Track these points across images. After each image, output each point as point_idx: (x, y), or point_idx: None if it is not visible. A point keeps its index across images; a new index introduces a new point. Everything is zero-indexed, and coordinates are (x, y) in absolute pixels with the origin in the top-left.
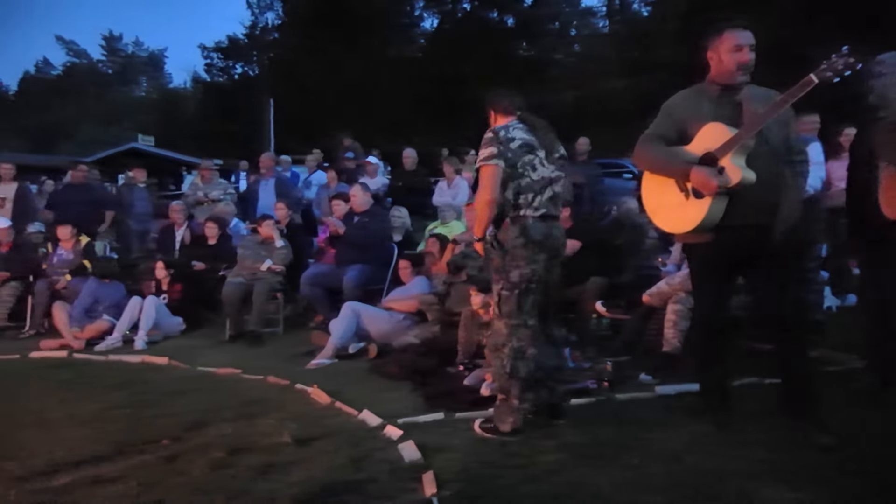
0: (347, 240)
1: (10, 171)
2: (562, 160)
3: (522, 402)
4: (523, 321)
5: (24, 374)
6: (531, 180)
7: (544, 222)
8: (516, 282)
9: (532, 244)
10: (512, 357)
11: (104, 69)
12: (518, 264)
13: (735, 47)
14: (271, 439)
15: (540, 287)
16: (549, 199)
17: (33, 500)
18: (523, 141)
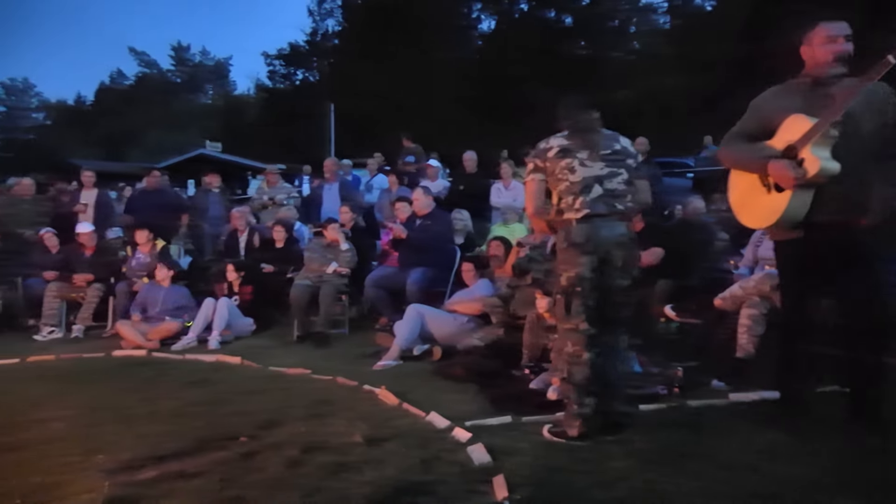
0: (410, 243)
1: (91, 178)
2: (616, 155)
3: (582, 407)
4: (574, 325)
5: (108, 372)
6: (570, 183)
7: (588, 223)
8: (564, 285)
9: (573, 247)
10: (567, 361)
11: (173, 78)
12: (564, 268)
13: (828, 38)
14: (342, 439)
15: (589, 291)
16: (598, 198)
17: (123, 493)
18: (559, 147)
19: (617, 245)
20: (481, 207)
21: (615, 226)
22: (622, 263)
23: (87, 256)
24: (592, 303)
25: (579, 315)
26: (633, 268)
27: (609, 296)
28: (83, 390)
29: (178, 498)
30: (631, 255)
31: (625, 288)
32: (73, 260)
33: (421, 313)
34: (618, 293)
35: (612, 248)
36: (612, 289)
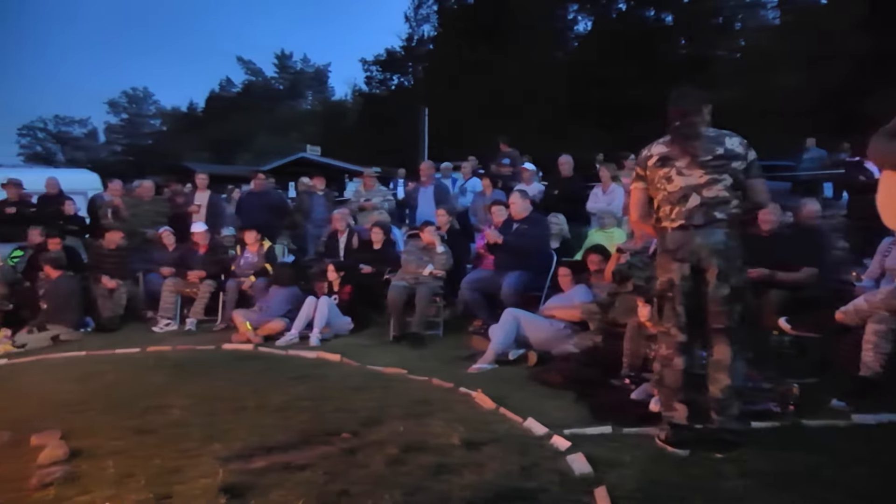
0: (506, 246)
1: (204, 180)
2: (719, 160)
3: (670, 411)
4: (666, 329)
5: (220, 364)
6: (667, 193)
7: (682, 231)
8: (658, 290)
9: (666, 253)
10: (660, 364)
11: (276, 85)
12: (658, 273)
13: None
14: (441, 440)
15: (680, 298)
16: (695, 208)
17: (236, 481)
18: (659, 156)
19: (712, 252)
20: (577, 211)
21: (711, 233)
22: (720, 271)
23: (200, 254)
24: (683, 310)
25: (671, 321)
26: (733, 276)
27: (705, 304)
28: (198, 381)
29: (286, 488)
30: (731, 262)
31: (725, 297)
32: (187, 257)
33: (517, 317)
34: (716, 302)
35: (706, 256)
36: (709, 297)
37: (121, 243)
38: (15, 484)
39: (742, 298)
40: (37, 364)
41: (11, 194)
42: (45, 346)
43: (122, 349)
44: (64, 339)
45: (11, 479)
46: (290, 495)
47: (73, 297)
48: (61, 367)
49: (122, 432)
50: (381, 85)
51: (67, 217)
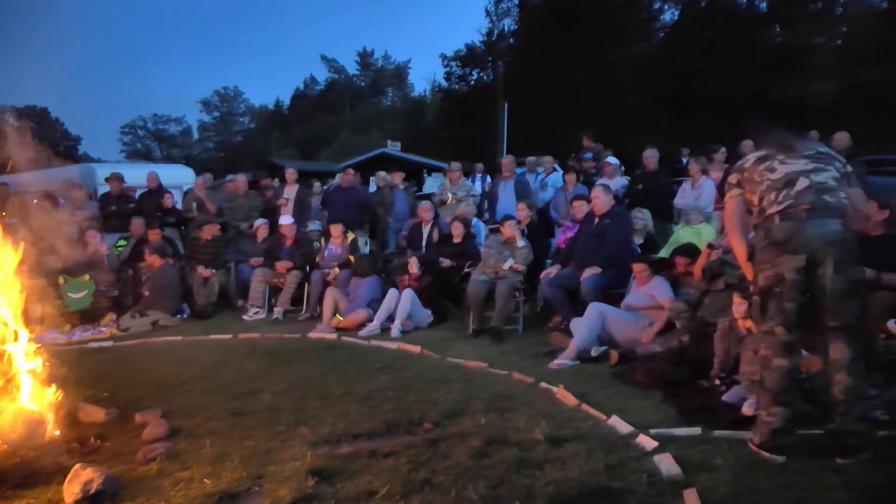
0: (588, 242)
1: (293, 175)
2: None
3: (770, 416)
4: (769, 328)
5: (306, 352)
6: (771, 181)
7: (791, 220)
8: (761, 286)
9: (773, 246)
10: (761, 365)
11: (358, 83)
12: (761, 267)
13: None
14: (523, 435)
15: (789, 293)
16: (804, 190)
17: (324, 465)
18: (756, 157)
19: (828, 243)
20: (662, 206)
21: (825, 223)
22: (836, 263)
23: (287, 246)
24: (793, 307)
25: (775, 319)
26: (850, 269)
27: (822, 300)
28: (286, 368)
29: (372, 474)
30: (848, 255)
31: (843, 292)
32: (275, 249)
33: (602, 313)
34: (833, 298)
35: (821, 247)
36: (826, 292)
37: (216, 234)
38: (123, 458)
39: (859, 294)
40: (139, 347)
41: (114, 188)
42: (146, 330)
43: (216, 335)
44: (163, 324)
45: (119, 453)
46: (375, 481)
47: (172, 285)
48: (161, 350)
49: (217, 414)
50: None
51: (166, 209)
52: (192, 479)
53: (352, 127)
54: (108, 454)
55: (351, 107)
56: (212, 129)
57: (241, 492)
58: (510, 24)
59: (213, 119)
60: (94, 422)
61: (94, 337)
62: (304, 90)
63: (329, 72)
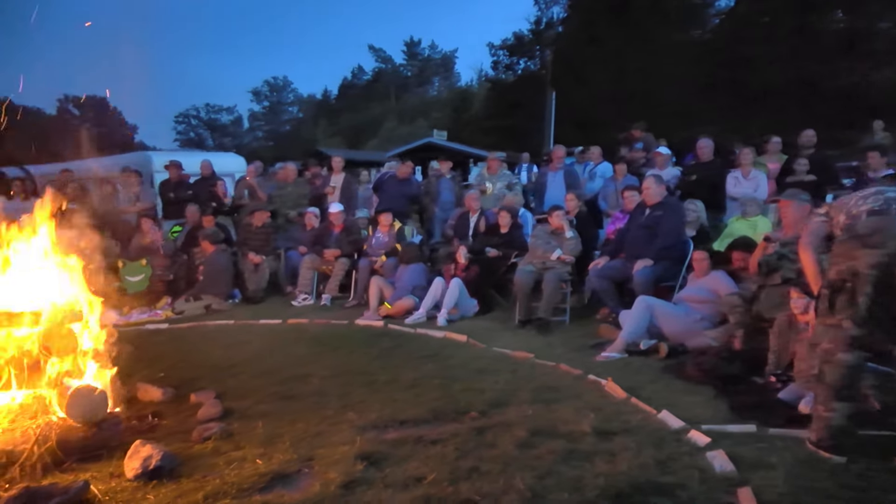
0: (639, 233)
1: (340, 163)
2: None
3: (829, 412)
4: (837, 322)
5: (353, 338)
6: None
7: (879, 216)
8: (832, 279)
9: (854, 239)
10: (821, 359)
11: (405, 72)
12: (836, 261)
13: None
14: (570, 426)
15: (864, 288)
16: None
17: (372, 450)
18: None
19: None
20: (715, 198)
21: None
22: None
23: (336, 234)
24: (865, 302)
25: (844, 312)
26: None
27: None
28: (334, 353)
29: (419, 460)
30: None
31: None
32: (324, 236)
33: (651, 306)
34: None
35: None
36: None
37: (267, 221)
38: (179, 436)
39: None
40: (193, 330)
41: (173, 175)
42: (200, 313)
43: (266, 320)
44: (215, 308)
45: (176, 432)
46: (422, 467)
47: (225, 270)
48: (214, 333)
49: (268, 396)
50: (507, 69)
51: (218, 197)
52: (245, 458)
53: (398, 116)
54: (165, 432)
55: (397, 96)
56: (262, 118)
57: (292, 473)
58: (559, 12)
59: (263, 108)
60: (152, 400)
61: (151, 319)
62: (352, 80)
63: (376, 61)
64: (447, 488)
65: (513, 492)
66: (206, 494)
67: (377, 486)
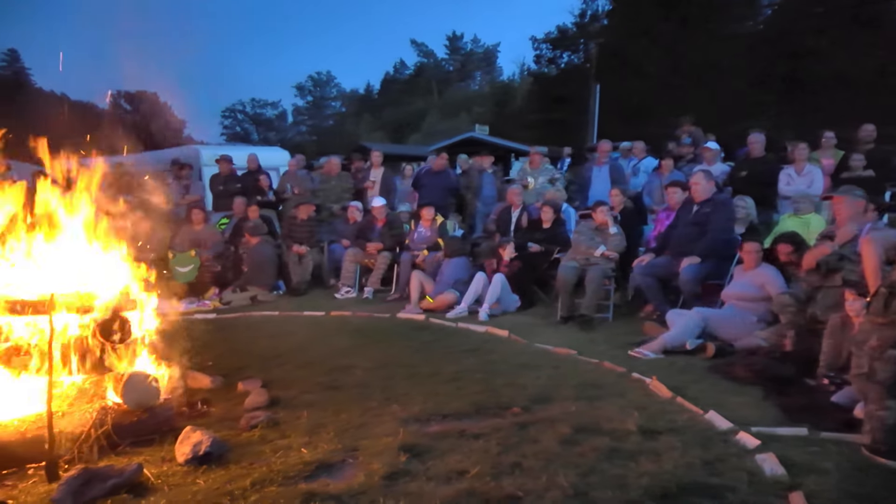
0: (686, 230)
1: (379, 158)
2: None
3: (883, 410)
4: (889, 322)
5: (395, 331)
6: None
7: None
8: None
9: None
10: (870, 357)
11: (447, 67)
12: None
13: None
14: (614, 424)
15: None
16: None
17: (415, 442)
18: None
19: None
20: (765, 195)
21: None
22: None
23: (378, 227)
24: None
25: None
26: None
27: None
28: (376, 346)
29: (462, 454)
30: None
31: None
32: (367, 230)
33: (705, 318)
34: None
35: None
36: None
37: (311, 215)
38: (227, 423)
39: None
40: (239, 320)
41: (223, 169)
42: (246, 304)
43: (309, 312)
44: (261, 299)
45: (224, 419)
46: (465, 461)
47: (269, 262)
48: (259, 323)
49: (313, 387)
50: (550, 63)
51: (263, 190)
52: (291, 447)
53: (440, 111)
54: (213, 419)
55: (439, 91)
56: (305, 112)
57: (336, 462)
58: (604, 4)
59: (307, 103)
60: (201, 388)
61: (199, 309)
62: (394, 75)
63: (418, 56)
64: (490, 483)
65: (556, 488)
66: (254, 481)
67: (420, 479)
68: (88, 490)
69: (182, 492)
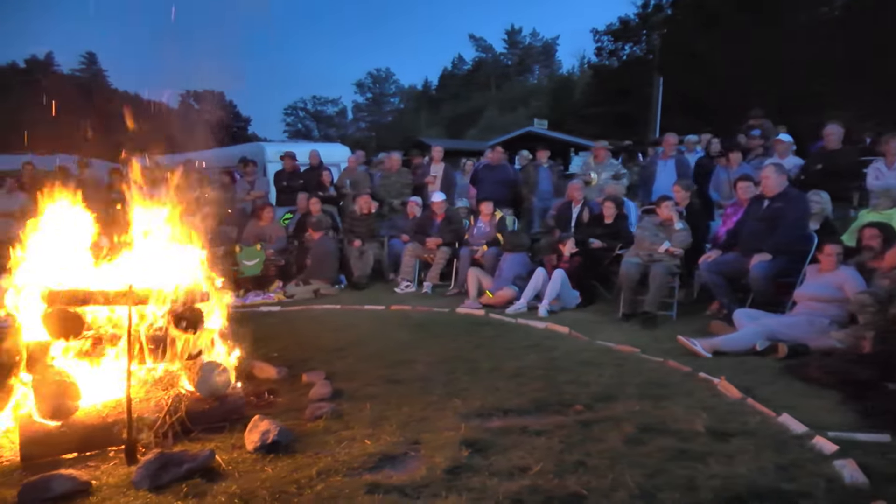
0: (756, 226)
1: (440, 153)
2: None
3: None
4: None
5: (454, 326)
6: None
7: None
8: None
9: None
10: None
11: (505, 61)
12: None
13: None
14: (681, 425)
15: None
16: None
17: (477, 437)
18: None
19: None
20: (841, 189)
21: None
22: None
23: (437, 223)
24: None
25: None
26: None
27: None
28: (436, 340)
29: (524, 451)
30: None
31: None
32: (426, 225)
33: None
34: None
35: None
36: None
37: (371, 210)
38: (292, 413)
39: None
40: (303, 313)
41: (287, 165)
42: (309, 297)
43: (370, 305)
44: (323, 292)
45: (290, 409)
46: (528, 458)
47: (330, 256)
48: (322, 316)
49: (375, 379)
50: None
51: (325, 186)
52: (355, 438)
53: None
54: (279, 409)
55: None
56: (364, 109)
57: (398, 455)
58: None
59: (367, 100)
60: (268, 378)
61: (264, 301)
62: (452, 70)
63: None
64: (553, 480)
65: (622, 488)
66: (319, 470)
67: (482, 474)
68: (164, 473)
69: (251, 478)
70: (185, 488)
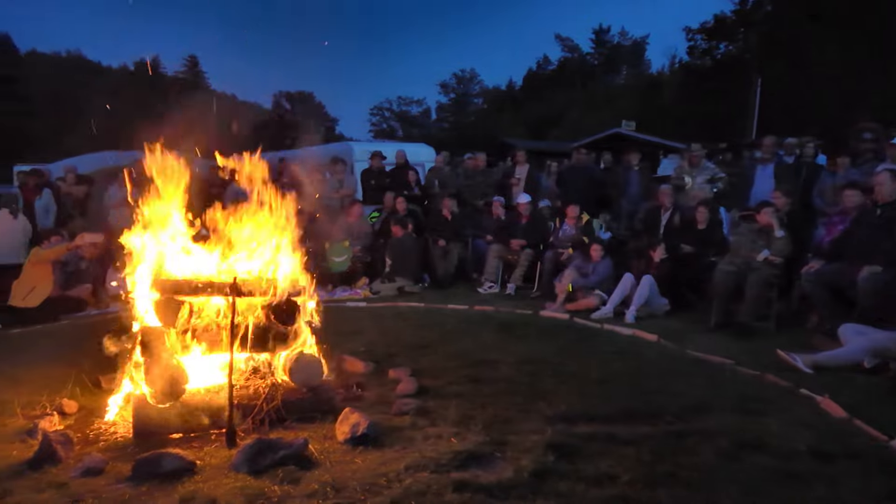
0: (867, 235)
1: (523, 155)
2: None
3: None
4: None
5: (537, 328)
6: None
7: None
8: None
9: None
10: None
11: (592, 61)
12: None
13: None
14: (780, 442)
15: None
16: None
17: (563, 441)
18: None
19: None
20: None
21: None
22: None
23: (522, 224)
24: None
25: None
26: None
27: None
28: (519, 342)
29: (613, 459)
30: None
31: None
32: (510, 226)
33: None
34: None
35: None
36: None
37: (455, 210)
38: (380, 407)
39: None
40: (388, 309)
41: (375, 164)
42: (393, 294)
43: (454, 305)
44: (407, 290)
45: (377, 403)
46: (616, 466)
47: (413, 254)
48: (406, 313)
49: (459, 378)
50: (704, 54)
51: (411, 185)
52: (441, 436)
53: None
54: (367, 402)
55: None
56: (448, 109)
57: (485, 454)
58: None
59: (450, 100)
60: (356, 372)
61: (351, 297)
62: (537, 70)
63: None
64: (643, 491)
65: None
66: (407, 465)
67: (570, 479)
68: (262, 459)
69: (342, 469)
70: (280, 474)
